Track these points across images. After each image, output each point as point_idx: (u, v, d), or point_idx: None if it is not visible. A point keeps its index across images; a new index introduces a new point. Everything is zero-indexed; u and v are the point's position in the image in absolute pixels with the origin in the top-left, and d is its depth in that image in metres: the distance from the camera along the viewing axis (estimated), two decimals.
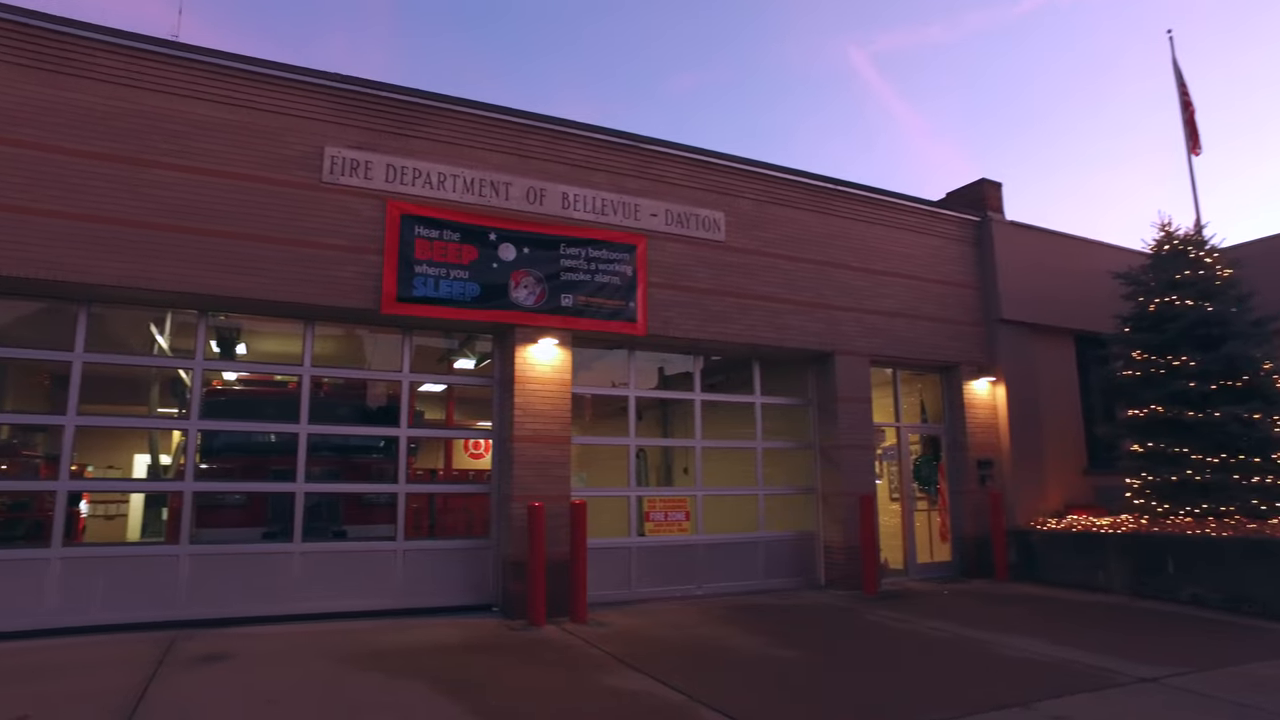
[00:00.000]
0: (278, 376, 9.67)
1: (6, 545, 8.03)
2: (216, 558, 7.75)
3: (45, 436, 12.36)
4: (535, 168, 9.12)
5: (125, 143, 7.42)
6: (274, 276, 7.74)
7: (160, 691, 5.40)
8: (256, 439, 9.28)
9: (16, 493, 9.52)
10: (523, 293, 8.71)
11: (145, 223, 7.37)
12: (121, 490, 13.08)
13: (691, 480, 10.39)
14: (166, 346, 9.52)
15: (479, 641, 7.22)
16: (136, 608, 7.37)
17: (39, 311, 7.93)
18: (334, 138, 8.26)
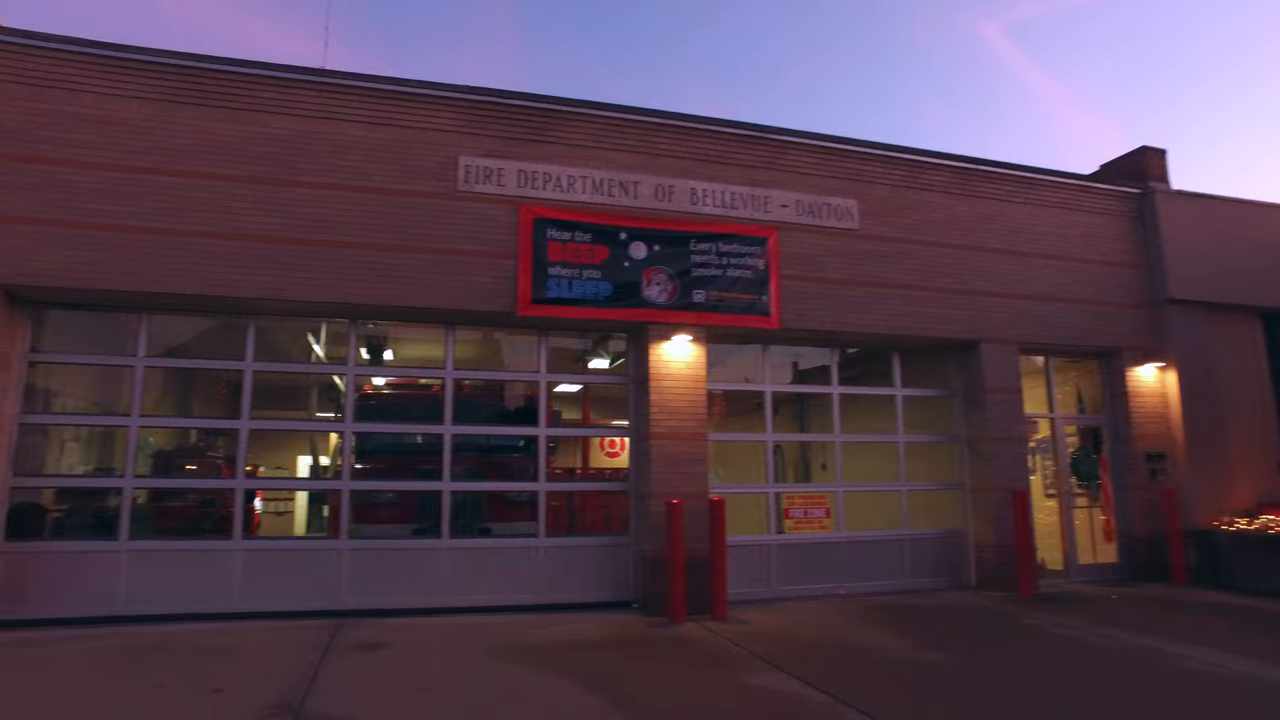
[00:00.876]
0: (422, 380, 10.14)
1: (197, 537, 8.83)
2: (372, 552, 8.21)
3: (225, 439, 13.51)
4: (663, 165, 9.12)
5: (273, 165, 7.99)
6: (416, 284, 8.12)
7: (328, 675, 5.77)
8: (404, 440, 9.75)
9: (203, 490, 10.42)
10: (655, 290, 8.74)
11: (291, 238, 7.90)
12: (288, 488, 14.11)
13: (831, 476, 10.11)
14: (323, 354, 10.17)
15: (621, 638, 7.28)
16: (304, 597, 7.92)
17: (215, 326, 8.66)
18: (467, 147, 8.56)
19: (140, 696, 5.31)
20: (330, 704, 5.07)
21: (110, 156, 7.62)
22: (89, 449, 10.59)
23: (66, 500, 9.03)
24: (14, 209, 7.34)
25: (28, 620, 7.34)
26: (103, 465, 11.25)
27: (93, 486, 9.04)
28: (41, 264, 7.33)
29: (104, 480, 8.89)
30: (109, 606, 7.54)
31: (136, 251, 7.50)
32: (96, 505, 9.15)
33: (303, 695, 5.23)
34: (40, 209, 7.38)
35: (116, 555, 7.66)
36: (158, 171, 7.69)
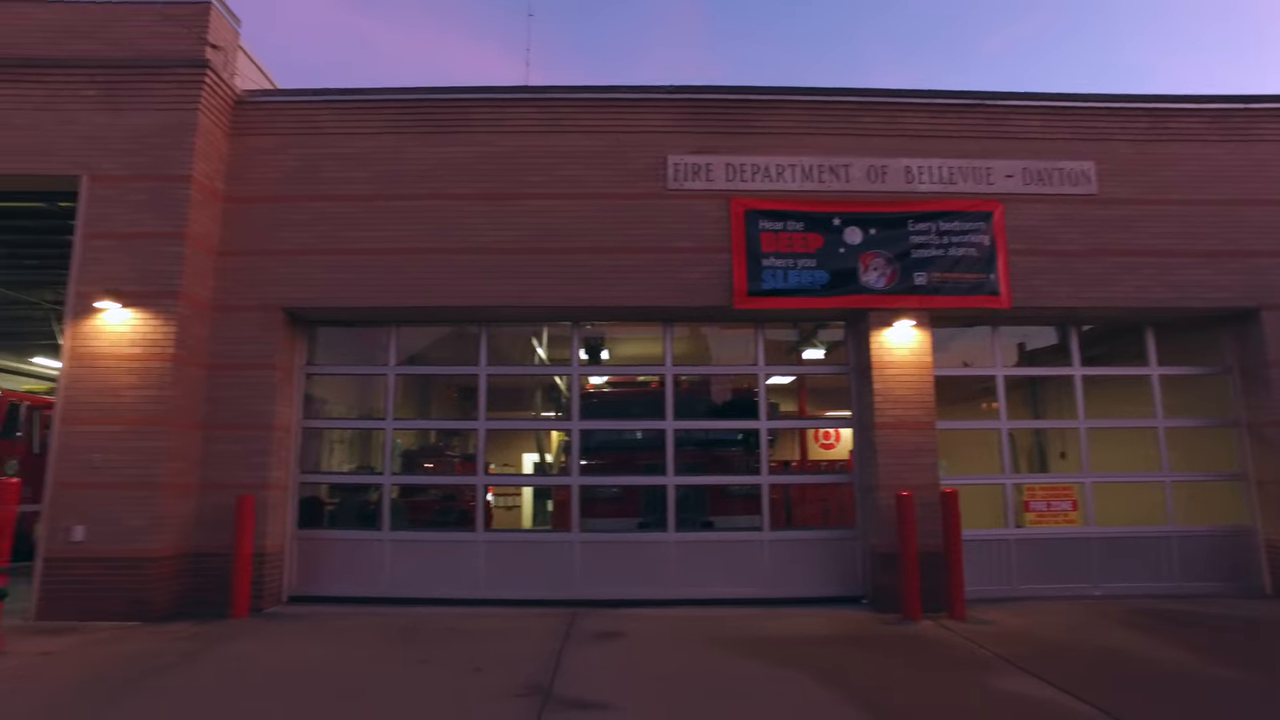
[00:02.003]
0: (640, 377, 10.42)
1: (441, 529, 9.64)
2: (602, 545, 8.55)
3: (460, 439, 14.68)
4: (874, 145, 8.78)
5: (497, 181, 8.55)
6: (635, 284, 8.36)
7: (570, 661, 6.06)
8: (624, 436, 10.08)
9: (444, 486, 11.37)
10: (873, 275, 8.43)
11: (519, 248, 8.40)
12: (522, 484, 15.01)
13: (1072, 465, 9.27)
14: (545, 357, 10.74)
15: (853, 634, 7.09)
16: (540, 587, 8.39)
17: (445, 335, 9.41)
18: (676, 146, 8.69)
19: (413, 669, 5.86)
20: (576, 688, 5.31)
21: (361, 188, 8.53)
22: (352, 449, 11.90)
23: (338, 494, 10.20)
24: (292, 242, 8.41)
25: (315, 596, 8.38)
26: (364, 464, 12.58)
27: (358, 483, 10.13)
28: (314, 288, 8.33)
29: (368, 477, 9.92)
30: (375, 588, 8.41)
31: (389, 271, 8.34)
32: (361, 499, 10.26)
33: (550, 679, 5.52)
34: (311, 240, 8.40)
35: (380, 544, 8.52)
36: (401, 197, 8.50)
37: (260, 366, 8.21)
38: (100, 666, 5.88)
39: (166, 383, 7.65)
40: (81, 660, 6.05)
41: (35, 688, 5.35)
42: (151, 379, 7.65)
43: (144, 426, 7.57)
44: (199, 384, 8.09)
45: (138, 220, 7.94)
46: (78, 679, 5.55)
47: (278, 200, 8.54)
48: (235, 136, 8.68)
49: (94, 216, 7.99)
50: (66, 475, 7.53)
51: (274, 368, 8.22)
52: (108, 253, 7.91)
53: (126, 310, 7.75)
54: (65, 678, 5.60)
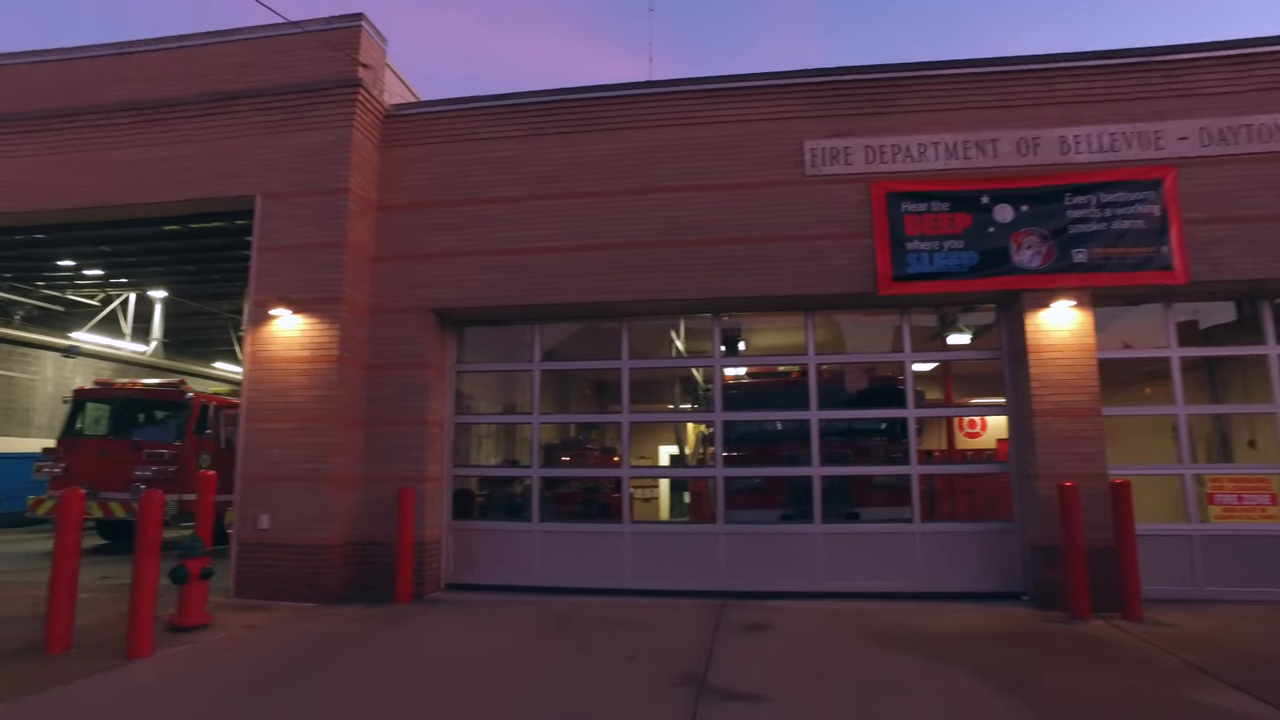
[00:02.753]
0: (780, 368, 10.29)
1: (587, 520, 9.88)
2: (747, 537, 8.49)
3: (597, 432, 14.99)
4: (1023, 116, 8.25)
5: (635, 177, 8.62)
6: (774, 273, 8.25)
7: (721, 652, 6.05)
8: (765, 427, 9.98)
9: (587, 478, 11.64)
10: (1026, 254, 7.94)
11: (659, 242, 8.45)
12: (663, 477, 15.04)
13: (1267, 454, 8.40)
14: (683, 349, 10.77)
15: (1015, 632, 6.72)
16: (685, 578, 8.43)
17: (579, 331, 9.60)
18: (811, 131, 8.50)
19: (571, 656, 6.03)
20: (728, 679, 5.29)
21: (504, 191, 8.83)
22: (497, 443, 12.41)
23: (486, 487, 10.64)
24: (439, 246, 8.82)
25: (470, 584, 8.78)
26: (508, 458, 13.07)
27: (507, 475, 10.53)
28: (462, 289, 8.72)
29: (517, 470, 10.27)
30: (526, 578, 8.71)
31: (534, 270, 8.60)
32: (507, 491, 10.67)
33: (703, 669, 5.54)
34: (458, 243, 8.79)
35: (530, 534, 8.82)
36: (542, 196, 8.75)
37: (414, 366, 8.67)
38: (293, 641, 6.40)
39: (332, 383, 8.22)
40: (276, 635, 6.61)
41: (245, 657, 5.89)
42: (319, 379, 8.24)
43: (314, 424, 8.17)
44: (360, 383, 8.64)
45: (303, 233, 8.56)
46: (277, 651, 6.07)
47: (425, 206, 8.99)
48: (385, 148, 9.19)
49: (266, 231, 8.68)
50: (252, 469, 8.24)
51: (427, 366, 8.67)
52: (279, 264, 8.58)
53: (296, 316, 8.38)
54: (267, 649, 6.13)
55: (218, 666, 5.68)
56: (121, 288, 15.62)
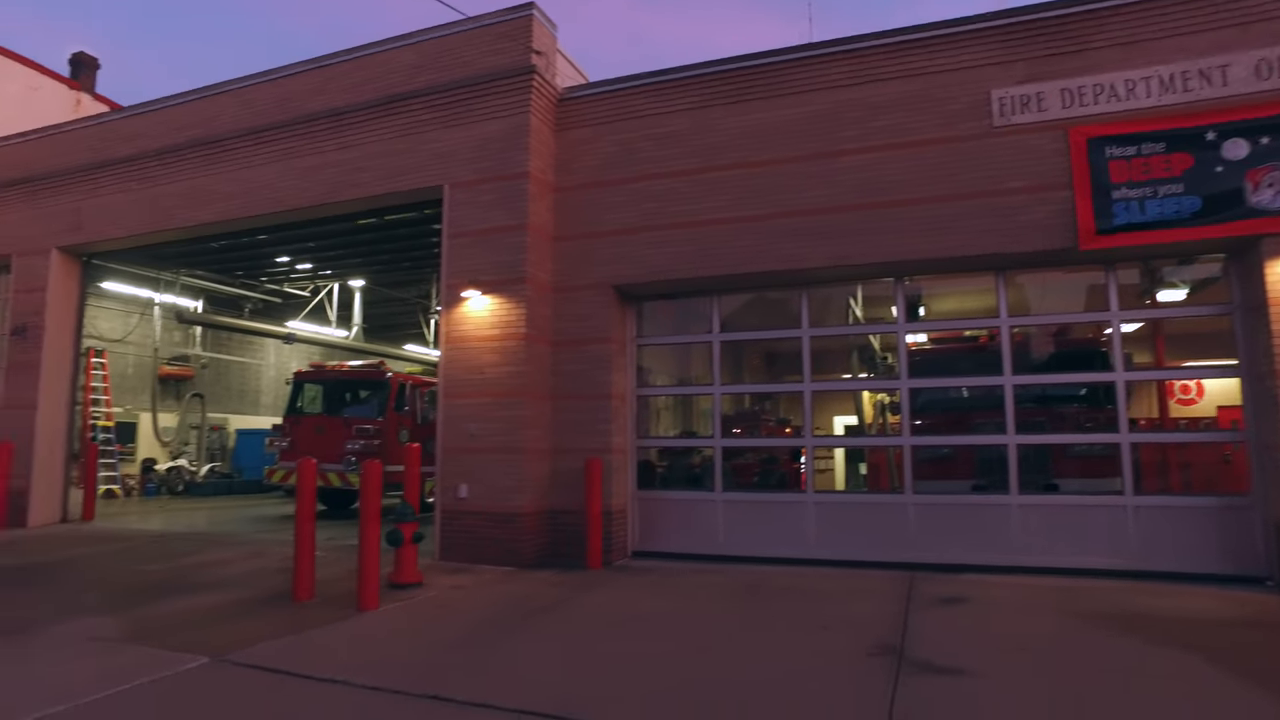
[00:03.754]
0: (967, 332, 9.77)
1: (765, 490, 9.86)
2: (936, 507, 8.17)
3: (771, 403, 14.90)
4: (1263, 33, 7.25)
5: (811, 141, 8.39)
6: (964, 233, 7.81)
7: (916, 624, 5.87)
8: (950, 394, 9.53)
9: (766, 449, 11.61)
10: (1267, 194, 7.02)
11: (838, 207, 8.20)
12: (846, 446, 14.73)
13: None
14: (860, 316, 10.44)
15: (1257, 619, 6.05)
16: (871, 548, 8.23)
17: (750, 301, 9.49)
18: (998, 79, 7.93)
19: (763, 624, 6.08)
20: (928, 651, 5.12)
21: (677, 165, 8.88)
22: (674, 416, 12.62)
23: (666, 458, 10.85)
24: (616, 223, 9.02)
25: (655, 552, 9.02)
26: (685, 429, 13.25)
27: (690, 446, 10.67)
28: (639, 265, 8.88)
29: (698, 441, 10.39)
30: (709, 546, 8.82)
31: (709, 242, 8.61)
32: (686, 462, 10.83)
33: (899, 641, 5.40)
34: (633, 220, 8.94)
35: (714, 504, 8.92)
36: (716, 168, 8.72)
37: (597, 340, 8.95)
38: (497, 602, 6.85)
39: (521, 359, 8.64)
40: (481, 596, 7.10)
41: (456, 615, 6.37)
42: (509, 356, 8.68)
43: (506, 398, 8.63)
44: (546, 359, 9.03)
45: (488, 217, 9.01)
46: (484, 610, 6.52)
47: (599, 185, 9.20)
48: (560, 131, 9.47)
49: (454, 219, 9.21)
50: (451, 441, 8.84)
51: (609, 341, 8.93)
52: (467, 248, 9.08)
53: (485, 297, 8.86)
54: (475, 608, 6.60)
55: (433, 621, 6.17)
56: (327, 279, 17.13)
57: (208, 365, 20.62)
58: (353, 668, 4.76)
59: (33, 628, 5.78)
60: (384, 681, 4.51)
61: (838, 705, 4.24)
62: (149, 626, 5.82)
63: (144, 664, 4.86)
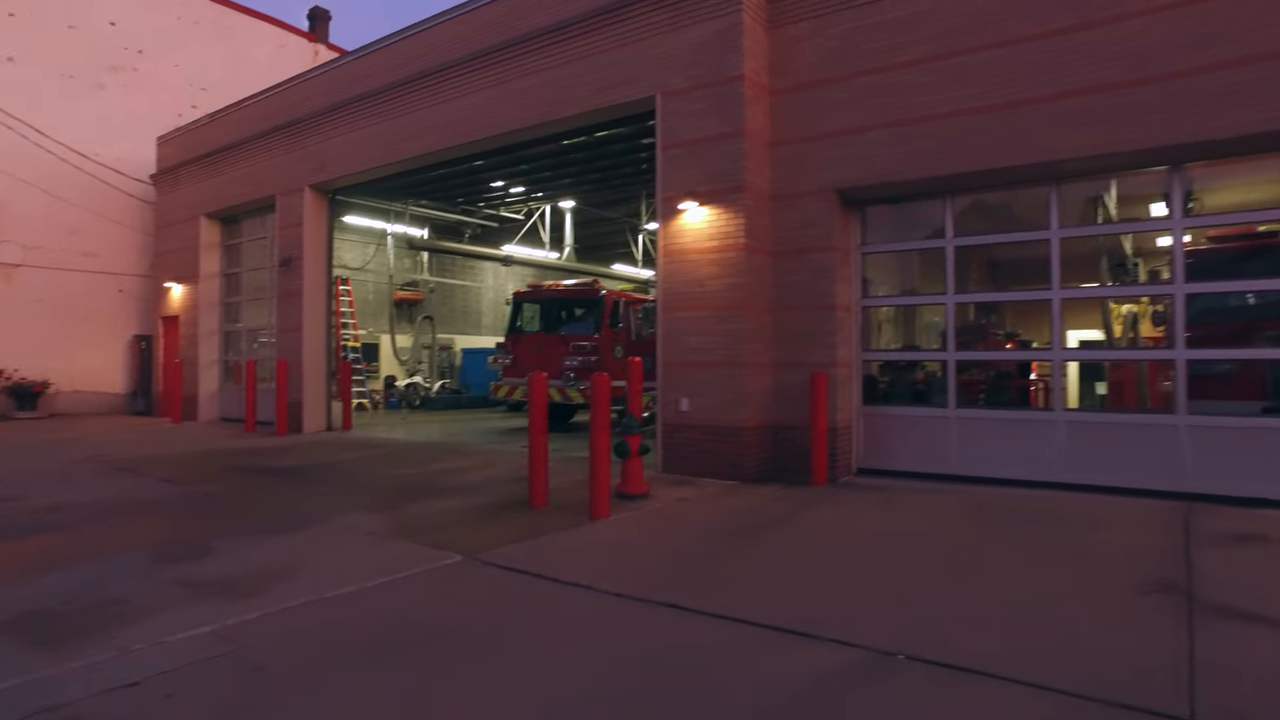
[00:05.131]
0: (1261, 227, 8.32)
1: (999, 408, 9.13)
2: (1218, 431, 7.15)
3: (998, 314, 13.71)
4: None
5: (1069, 10, 7.28)
6: (1258, 105, 6.51)
7: (1204, 561, 5.17)
8: (1231, 301, 8.22)
9: (994, 363, 10.71)
10: None
11: (1102, 85, 7.12)
12: (1110, 359, 13.32)
13: None
14: (1114, 214, 9.18)
15: None
16: (1131, 473, 7.38)
17: (971, 204, 8.56)
18: None
19: (1008, 548, 5.63)
20: (1225, 595, 4.44)
21: (904, 54, 8.08)
22: (895, 328, 11.92)
23: (888, 372, 10.31)
24: (837, 123, 8.44)
25: (880, 470, 8.67)
26: (907, 342, 12.54)
27: (920, 359, 10.08)
28: (865, 166, 8.28)
29: (929, 354, 9.73)
30: (939, 465, 8.33)
31: (946, 136, 7.83)
32: (909, 377, 10.24)
33: (1183, 579, 4.76)
34: (857, 118, 8.31)
35: (946, 421, 8.37)
36: (952, 53, 7.83)
37: (820, 249, 8.53)
38: (723, 514, 6.87)
39: (740, 270, 8.42)
40: (707, 508, 7.15)
41: (684, 525, 6.46)
42: (728, 268, 8.49)
43: (726, 312, 8.48)
44: (766, 270, 8.74)
45: (702, 125, 8.73)
46: (711, 522, 6.56)
47: (819, 84, 8.60)
48: (773, 29, 8.91)
49: (667, 129, 9.01)
50: (671, 356, 8.87)
51: (833, 249, 8.48)
52: (682, 159, 8.88)
53: (703, 208, 8.66)
54: (701, 519, 6.66)
55: (664, 532, 6.27)
56: (539, 201, 17.73)
57: (435, 289, 22.23)
58: (593, 573, 4.91)
59: (321, 520, 6.50)
60: (624, 588, 4.61)
61: (1119, 641, 3.79)
62: (408, 524, 6.36)
63: (410, 557, 5.30)
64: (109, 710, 3.08)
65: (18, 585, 4.75)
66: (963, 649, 3.64)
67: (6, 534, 6.11)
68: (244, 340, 16.61)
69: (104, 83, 18.52)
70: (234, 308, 16.86)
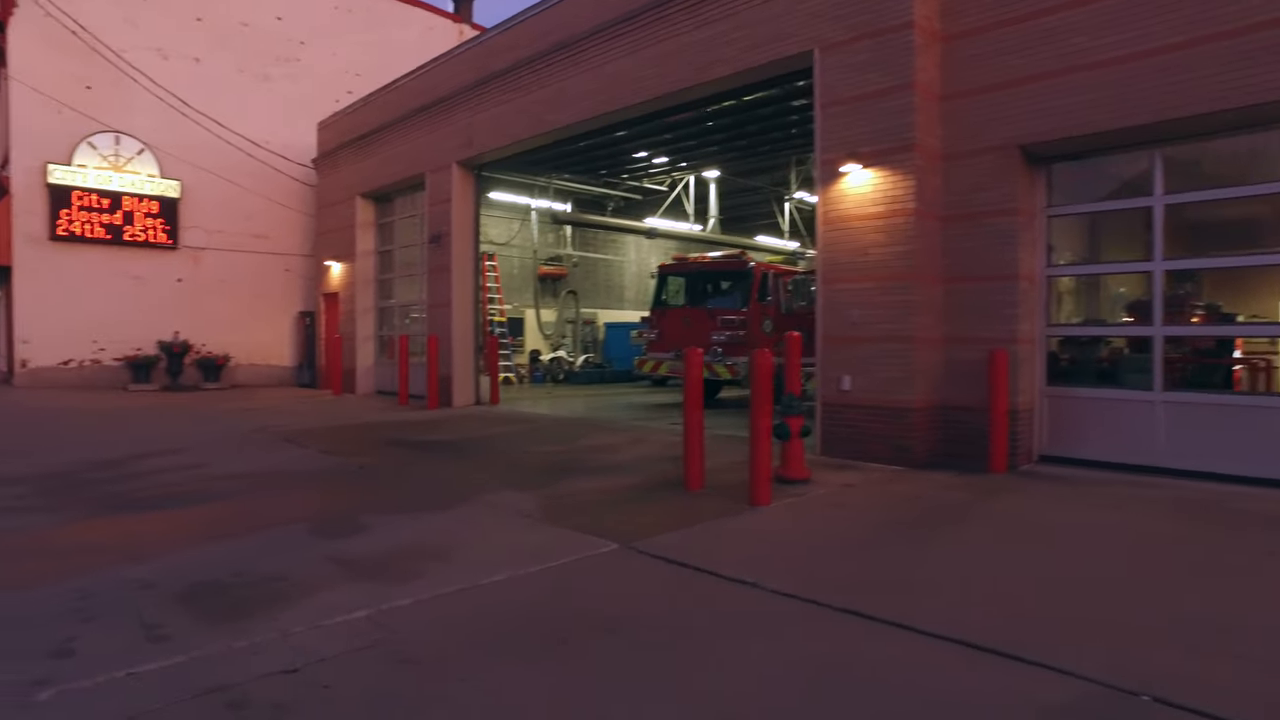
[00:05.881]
0: None
1: (1209, 390, 7.96)
2: None
3: (1193, 284, 12.12)
4: None
5: None
6: None
7: None
8: None
9: (1192, 339, 9.40)
10: None
11: None
12: None
13: None
14: None
15: None
16: None
17: (1182, 156, 7.36)
18: None
19: (1237, 556, 4.78)
20: None
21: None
22: (1076, 300, 10.74)
23: (1067, 350, 9.25)
24: (1022, 70, 7.47)
25: (1065, 458, 7.76)
26: (1089, 316, 11.30)
27: (1119, 335, 8.99)
28: (1055, 117, 7.30)
29: (1135, 329, 8.57)
30: (1142, 456, 7.34)
31: (1160, 77, 6.72)
32: (1092, 355, 9.14)
33: None
34: (1045, 63, 7.32)
35: (1150, 405, 7.36)
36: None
37: (999, 213, 7.65)
38: (895, 504, 6.28)
39: (910, 237, 7.69)
40: (876, 496, 6.58)
41: (854, 515, 5.93)
42: (895, 235, 7.77)
43: (892, 282, 7.79)
44: (936, 236, 7.96)
45: (865, 80, 8.00)
46: (883, 512, 6.01)
47: (999, 26, 7.66)
48: None
49: (826, 85, 8.34)
50: (832, 330, 8.27)
51: (1015, 212, 7.58)
52: (842, 118, 8.20)
53: (866, 171, 7.96)
54: (873, 509, 6.12)
55: (831, 522, 5.77)
56: (683, 171, 17.30)
57: (578, 264, 22.33)
58: (758, 568, 4.50)
59: (471, 498, 6.42)
60: (794, 587, 4.17)
61: None
62: (559, 505, 6.16)
63: (563, 543, 5.06)
64: (270, 696, 2.98)
65: (196, 550, 4.89)
66: (1224, 688, 2.99)
67: (192, 500, 6.40)
68: (396, 316, 17.22)
69: (270, 74, 19.58)
70: (387, 284, 17.49)
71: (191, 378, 18.16)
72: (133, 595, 4.04)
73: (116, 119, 17.53)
